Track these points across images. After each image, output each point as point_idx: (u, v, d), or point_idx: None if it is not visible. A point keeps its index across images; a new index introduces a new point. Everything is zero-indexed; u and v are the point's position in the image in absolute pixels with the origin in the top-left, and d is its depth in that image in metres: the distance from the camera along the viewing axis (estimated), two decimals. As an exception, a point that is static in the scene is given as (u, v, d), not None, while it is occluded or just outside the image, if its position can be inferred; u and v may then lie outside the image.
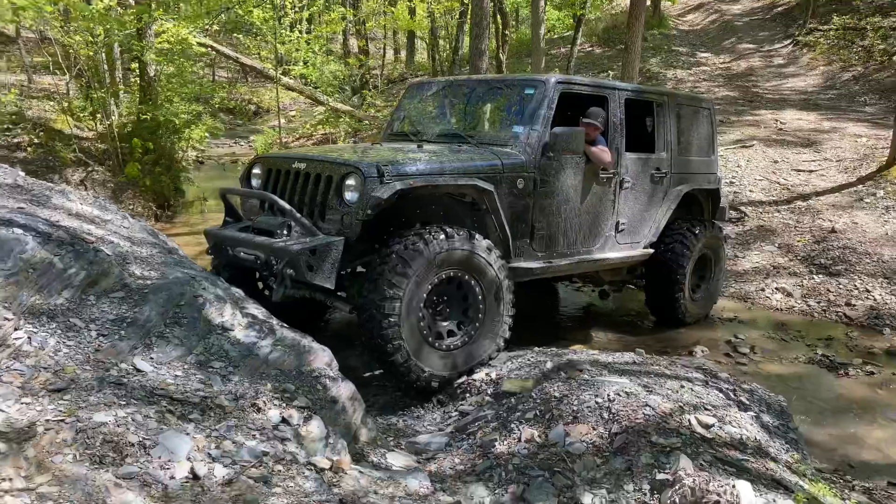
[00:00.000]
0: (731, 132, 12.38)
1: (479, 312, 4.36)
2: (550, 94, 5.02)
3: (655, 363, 4.19)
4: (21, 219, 3.76)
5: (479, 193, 4.49)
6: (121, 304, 3.43)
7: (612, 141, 5.52)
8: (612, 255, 5.71)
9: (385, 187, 4.01)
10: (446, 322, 4.36)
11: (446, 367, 4.25)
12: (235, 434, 2.85)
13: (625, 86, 5.98)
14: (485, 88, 5.45)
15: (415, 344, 4.07)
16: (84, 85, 11.37)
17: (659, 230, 6.12)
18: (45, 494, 2.13)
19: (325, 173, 4.30)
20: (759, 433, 3.45)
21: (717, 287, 6.86)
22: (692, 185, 6.41)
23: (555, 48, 22.19)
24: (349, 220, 4.10)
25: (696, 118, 6.57)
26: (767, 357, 5.89)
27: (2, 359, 2.77)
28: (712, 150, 6.81)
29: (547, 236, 5.09)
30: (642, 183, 5.88)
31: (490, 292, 4.37)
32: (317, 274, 3.99)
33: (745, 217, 8.99)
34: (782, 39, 20.29)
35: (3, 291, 3.10)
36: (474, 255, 4.24)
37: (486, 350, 4.41)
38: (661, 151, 6.10)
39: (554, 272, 5.31)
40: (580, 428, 3.23)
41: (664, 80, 17.50)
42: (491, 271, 4.34)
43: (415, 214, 4.64)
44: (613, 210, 5.62)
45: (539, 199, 4.95)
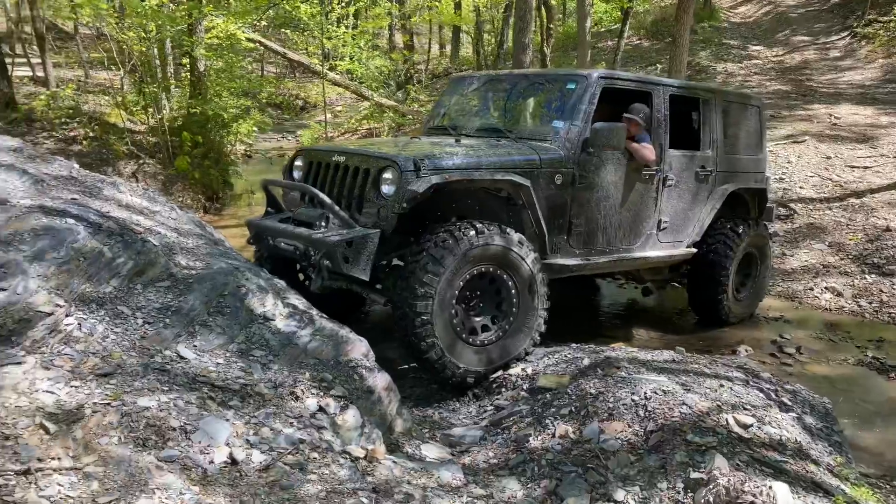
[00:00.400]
0: (782, 127, 12.07)
1: (513, 307, 4.35)
2: (592, 90, 4.96)
3: (695, 362, 4.14)
4: (74, 209, 3.90)
5: (514, 188, 4.47)
6: (166, 293, 3.53)
7: (655, 138, 5.43)
8: (653, 253, 5.61)
9: (421, 181, 4.03)
10: (480, 317, 4.35)
11: (481, 362, 4.26)
12: (273, 421, 2.92)
13: (669, 82, 5.89)
14: (525, 83, 5.42)
15: (448, 340, 4.09)
16: (137, 80, 11.68)
17: (703, 229, 5.99)
18: (91, 474, 2.22)
19: (364, 166, 4.35)
20: (801, 435, 3.38)
21: (762, 286, 6.71)
22: (738, 184, 6.27)
23: (602, 41, 21.93)
24: (385, 212, 4.13)
25: (743, 116, 6.42)
26: (814, 358, 5.75)
27: (54, 343, 2.89)
28: (760, 149, 6.65)
29: (585, 233, 5.03)
30: (686, 181, 5.77)
31: (524, 286, 4.36)
32: (353, 266, 4.04)
33: (795, 214, 8.77)
34: (839, 31, 19.65)
35: (55, 279, 3.22)
36: (506, 250, 4.23)
37: (521, 344, 4.41)
38: (706, 149, 5.97)
39: (591, 270, 5.26)
40: (615, 425, 3.22)
41: (714, 74, 17.14)
42: (524, 266, 4.32)
43: (451, 208, 4.63)
44: (656, 208, 5.53)
45: (578, 195, 4.90)
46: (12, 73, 12.74)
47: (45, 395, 2.53)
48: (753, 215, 6.67)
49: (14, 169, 4.49)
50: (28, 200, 3.94)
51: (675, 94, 5.69)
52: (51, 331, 2.92)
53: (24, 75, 15.30)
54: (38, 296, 3.04)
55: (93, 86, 14.75)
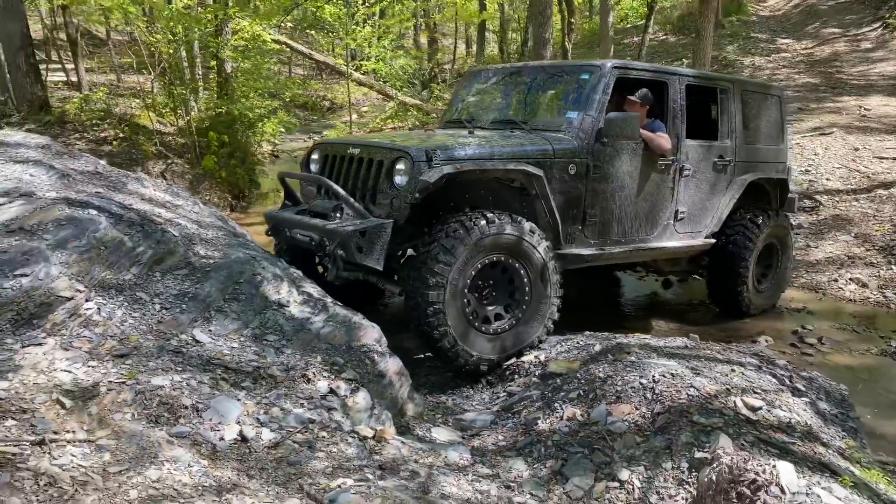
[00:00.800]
0: (810, 120, 11.89)
1: (526, 295, 4.37)
2: (606, 80, 4.95)
3: (708, 348, 4.13)
4: (96, 201, 4.03)
5: (527, 178, 4.49)
6: (184, 281, 3.63)
7: (671, 127, 5.40)
8: (670, 244, 5.57)
9: (433, 171, 4.07)
10: (493, 306, 4.38)
11: (494, 350, 4.29)
12: (284, 402, 2.99)
13: (685, 71, 5.85)
14: (540, 75, 5.41)
15: (461, 329, 4.13)
16: (166, 82, 11.92)
17: (721, 220, 5.94)
18: (104, 446, 2.31)
19: (377, 158, 4.40)
20: (813, 419, 3.36)
21: (783, 277, 6.62)
22: (758, 174, 6.19)
23: (627, 38, 21.80)
24: (398, 203, 4.18)
25: (763, 106, 6.35)
26: (836, 348, 5.68)
27: (73, 326, 3.00)
28: (781, 139, 6.56)
29: (600, 223, 5.03)
30: (704, 171, 5.72)
31: (536, 275, 4.38)
32: (366, 255, 4.10)
33: (820, 206, 8.65)
34: (871, 23, 19.27)
35: (76, 266, 3.34)
36: (518, 239, 4.25)
37: (535, 332, 4.43)
38: (724, 139, 5.91)
39: (606, 260, 5.23)
40: (623, 407, 3.23)
41: (741, 68, 16.94)
42: (536, 254, 4.34)
43: (464, 199, 4.64)
44: (672, 198, 5.50)
45: (592, 185, 4.89)
46: (47, 78, 13.09)
47: (63, 374, 2.64)
48: (775, 206, 6.58)
49: (41, 164, 4.65)
50: (53, 193, 4.08)
51: (691, 83, 5.65)
52: (71, 314, 3.03)
53: (59, 80, 15.70)
54: (60, 281, 3.16)
55: (124, 89, 15.07)
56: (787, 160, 6.68)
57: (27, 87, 10.96)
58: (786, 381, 3.77)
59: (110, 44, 18.51)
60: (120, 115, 11.75)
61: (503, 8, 19.90)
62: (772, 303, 6.53)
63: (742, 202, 6.10)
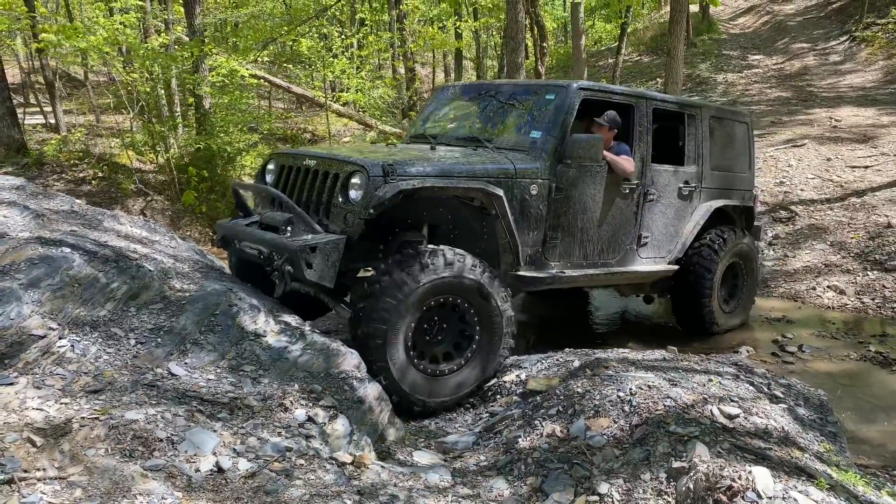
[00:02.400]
0: (783, 132, 12.09)
1: (475, 340, 4.25)
2: (571, 101, 4.90)
3: (685, 360, 4.15)
4: (70, 239, 4.02)
5: (487, 197, 4.36)
6: (159, 315, 3.63)
7: (637, 150, 5.35)
8: (632, 268, 5.50)
9: (389, 187, 3.94)
10: (440, 346, 4.25)
11: (432, 392, 4.13)
12: (261, 431, 2.98)
13: (654, 95, 5.84)
14: (507, 93, 5.36)
15: (402, 367, 3.97)
16: (145, 120, 11.96)
17: (685, 246, 5.87)
18: (75, 482, 2.29)
19: (333, 171, 4.25)
20: (790, 425, 3.38)
21: (751, 296, 6.57)
22: (723, 200, 6.17)
23: (602, 59, 22.14)
24: (352, 218, 4.02)
25: (731, 132, 6.35)
26: (816, 355, 5.73)
27: (46, 364, 2.99)
28: (749, 166, 6.57)
29: (562, 245, 4.95)
30: (669, 196, 5.68)
31: (488, 320, 4.25)
32: (316, 272, 3.90)
33: (796, 216, 8.76)
34: (838, 36, 19.70)
35: (49, 304, 3.34)
36: (475, 284, 4.13)
37: (477, 380, 4.29)
38: (690, 165, 5.88)
39: (567, 283, 5.11)
40: (601, 421, 3.24)
41: (714, 85, 17.24)
42: (492, 301, 4.22)
43: (422, 216, 4.53)
44: (636, 222, 5.43)
45: (554, 207, 4.82)
46: (24, 121, 13.08)
47: (35, 412, 2.62)
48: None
49: (16, 205, 4.64)
50: (27, 233, 4.07)
51: (659, 107, 5.62)
52: (43, 353, 3.02)
53: (37, 122, 15.69)
54: (32, 320, 3.15)
55: (103, 129, 15.08)
56: (753, 188, 6.68)
57: (3, 130, 10.96)
58: (764, 388, 3.80)
59: (88, 85, 18.55)
60: (99, 155, 11.76)
61: (478, 36, 20.18)
62: (740, 321, 6.44)
63: (706, 229, 6.05)
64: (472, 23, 18.01)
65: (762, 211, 9.15)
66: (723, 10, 26.01)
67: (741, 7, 26.72)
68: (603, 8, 17.28)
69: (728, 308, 6.29)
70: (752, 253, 6.46)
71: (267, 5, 23.14)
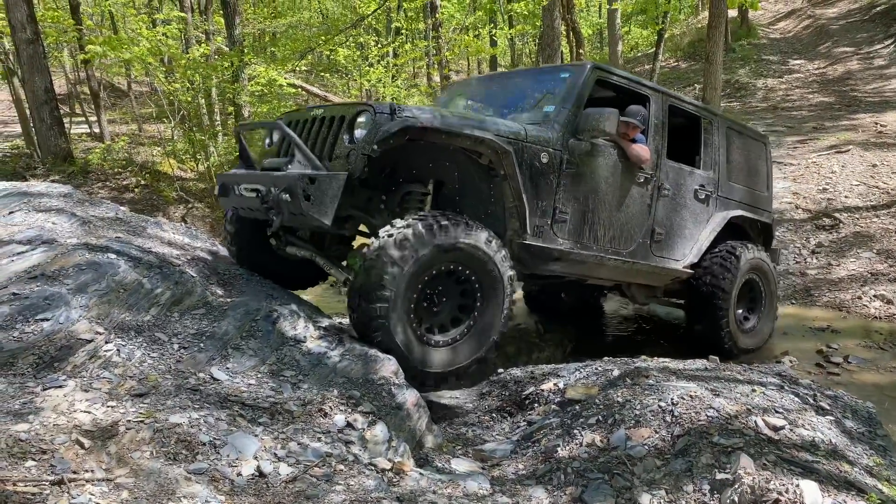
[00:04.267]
0: (826, 138, 11.84)
1: (477, 307, 4.11)
2: (584, 77, 4.84)
3: (728, 369, 4.07)
4: (116, 246, 4.12)
5: (496, 154, 4.21)
6: (202, 320, 3.69)
7: (651, 142, 5.27)
8: (645, 262, 5.32)
9: (393, 122, 3.83)
10: (441, 315, 4.09)
11: (441, 363, 4.04)
12: (301, 436, 3.00)
13: (670, 92, 5.71)
14: (524, 78, 5.33)
15: (405, 339, 3.85)
16: (186, 129, 12.21)
17: (701, 251, 5.69)
18: (122, 484, 2.34)
19: (340, 114, 4.12)
20: (838, 437, 3.29)
21: (770, 317, 6.28)
22: (741, 211, 6.06)
23: (639, 66, 21.95)
24: (355, 155, 3.86)
25: (749, 149, 6.31)
26: (863, 367, 5.58)
27: (93, 368, 3.05)
28: (767, 187, 6.49)
29: (571, 222, 4.79)
30: (684, 196, 5.57)
31: (490, 287, 4.11)
32: (313, 205, 3.74)
33: (840, 224, 8.56)
34: (883, 40, 19.26)
35: (96, 309, 3.42)
36: (475, 248, 3.97)
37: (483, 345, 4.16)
38: (707, 170, 5.81)
39: (576, 261, 4.88)
40: (642, 431, 3.20)
41: (754, 91, 16.97)
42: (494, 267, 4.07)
43: (428, 169, 4.40)
44: (650, 215, 5.30)
45: (564, 181, 4.68)
46: (71, 130, 13.45)
47: (83, 415, 2.67)
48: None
49: (63, 212, 4.77)
50: (74, 239, 4.18)
51: (675, 105, 5.57)
52: (91, 356, 3.09)
53: (83, 132, 16.11)
54: (80, 324, 3.23)
55: (145, 138, 15.43)
56: (772, 209, 6.54)
57: (51, 139, 11.29)
58: (809, 399, 3.71)
59: (131, 95, 19.00)
60: (141, 163, 12.04)
61: (513, 43, 20.18)
62: (760, 343, 6.13)
63: (722, 239, 5.88)
64: (508, 30, 18.02)
65: (804, 218, 8.96)
66: (762, 15, 25.65)
67: (781, 11, 26.30)
68: (639, 14, 17.11)
69: (746, 327, 6.03)
70: (769, 269, 6.18)
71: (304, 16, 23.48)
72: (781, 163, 10.89)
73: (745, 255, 5.83)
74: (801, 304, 7.32)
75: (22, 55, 11.13)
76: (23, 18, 10.87)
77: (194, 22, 14.76)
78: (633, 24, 26.73)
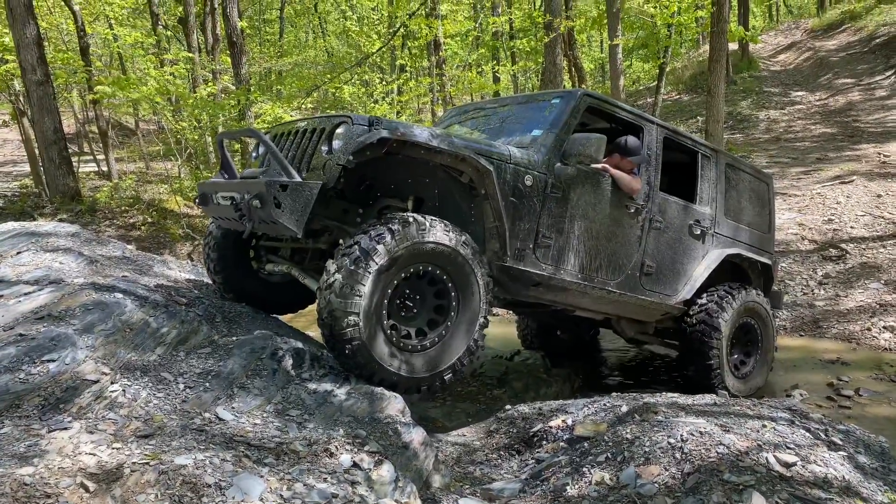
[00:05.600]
0: (830, 169, 11.88)
1: (452, 311, 4.01)
2: (575, 103, 4.80)
3: (737, 404, 4.03)
4: (122, 285, 4.14)
5: (476, 173, 4.14)
6: (207, 359, 3.69)
7: (644, 174, 5.18)
8: (635, 295, 5.17)
9: (371, 133, 3.77)
10: (415, 320, 3.99)
11: (414, 369, 3.93)
12: (307, 477, 2.97)
13: (665, 124, 5.55)
14: (517, 104, 5.31)
15: (377, 345, 3.74)
16: (193, 167, 12.33)
17: (694, 288, 5.51)
18: (127, 528, 2.31)
19: (320, 126, 4.07)
20: (851, 473, 3.24)
21: (766, 364, 6.00)
22: (738, 250, 5.83)
23: (641, 99, 22.13)
24: (330, 165, 3.81)
25: (751, 188, 6.17)
26: (875, 400, 5.51)
27: (99, 409, 3.04)
28: (769, 227, 6.32)
29: (555, 248, 4.68)
30: (677, 230, 5.41)
31: (465, 289, 4.02)
32: (284, 213, 3.67)
33: (847, 254, 8.54)
34: (883, 71, 19.42)
35: (102, 349, 3.42)
36: (450, 250, 3.90)
37: (458, 351, 4.05)
38: (703, 205, 5.65)
39: (558, 287, 4.76)
40: (652, 469, 3.16)
41: (756, 122, 17.07)
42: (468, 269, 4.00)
43: (407, 185, 4.33)
44: (639, 247, 5.15)
45: (549, 205, 4.59)
46: (79, 169, 13.60)
47: (88, 457, 2.66)
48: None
49: (71, 251, 4.81)
50: (81, 279, 4.20)
51: (671, 138, 5.46)
52: (96, 397, 3.08)
53: (91, 170, 16.29)
54: (86, 365, 3.22)
55: (152, 176, 15.58)
56: (773, 251, 6.35)
57: (60, 178, 11.41)
58: (821, 434, 3.66)
59: (139, 133, 19.24)
60: (148, 201, 12.13)
61: (516, 78, 20.40)
62: (752, 390, 5.81)
63: (718, 279, 5.72)
64: (510, 66, 18.24)
65: (810, 249, 8.95)
66: (763, 48, 25.93)
67: (781, 44, 26.59)
68: (641, 48, 17.32)
69: (740, 373, 5.79)
70: (766, 313, 5.93)
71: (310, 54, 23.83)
72: (786, 194, 10.91)
73: (740, 296, 5.64)
74: (810, 336, 7.27)
75: (32, 96, 11.31)
76: (34, 60, 11.06)
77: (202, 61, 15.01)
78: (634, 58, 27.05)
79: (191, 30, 14.64)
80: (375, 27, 22.23)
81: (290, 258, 4.77)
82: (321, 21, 29.81)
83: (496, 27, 19.61)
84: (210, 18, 15.38)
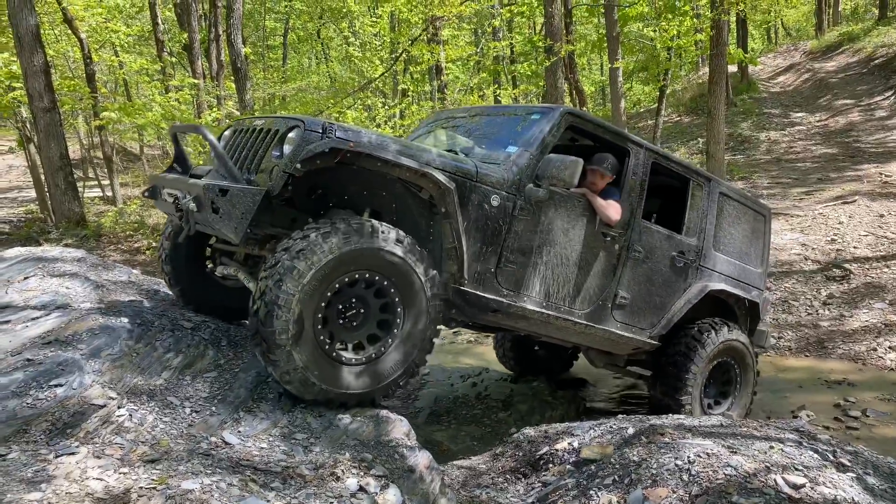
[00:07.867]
0: (831, 189, 11.91)
1: (397, 321, 3.76)
2: (554, 121, 4.52)
3: (744, 426, 4.02)
4: (129, 310, 4.16)
5: (437, 189, 3.91)
6: (213, 383, 3.69)
7: (626, 200, 4.85)
8: (603, 327, 4.87)
9: (322, 142, 3.55)
10: (357, 331, 3.73)
11: (355, 384, 3.68)
12: (314, 501, 2.96)
13: (655, 148, 5.21)
14: (496, 115, 5.05)
15: (312, 357, 3.49)
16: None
17: (671, 323, 5.21)
18: (134, 554, 2.30)
19: (275, 128, 3.85)
20: (860, 495, 3.22)
21: (742, 406, 5.60)
22: (722, 285, 5.47)
23: (642, 121, 22.27)
24: (277, 171, 3.58)
25: (747, 220, 5.84)
26: (882, 420, 5.49)
27: (105, 434, 3.04)
28: (761, 262, 5.96)
29: (518, 272, 4.41)
30: (658, 262, 5.09)
31: (410, 299, 3.77)
32: (222, 219, 3.45)
33: (850, 274, 8.54)
34: (883, 91, 19.50)
35: (109, 373, 3.43)
36: (390, 255, 3.64)
37: (402, 366, 3.81)
38: (689, 236, 5.31)
39: (517, 314, 4.47)
40: (659, 491, 3.15)
41: (757, 143, 17.15)
42: (415, 278, 3.74)
43: (362, 197, 4.07)
44: (613, 277, 4.86)
45: (515, 227, 4.33)
46: (84, 194, 13.69)
47: (95, 482, 2.66)
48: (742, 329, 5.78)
49: (77, 277, 4.82)
50: (88, 304, 4.22)
51: (660, 164, 5.15)
52: (103, 422, 3.09)
53: (96, 195, 16.39)
54: (93, 389, 3.23)
55: (157, 201, 15.66)
56: (763, 287, 5.99)
57: (65, 204, 11.47)
58: (829, 456, 3.64)
59: (143, 158, 19.37)
60: (153, 226, 12.18)
61: (517, 102, 20.56)
62: None
63: (698, 315, 5.41)
64: (512, 90, 18.40)
65: (814, 269, 8.95)
66: (762, 70, 26.11)
67: (780, 66, 26.78)
68: (641, 71, 17.47)
69: (714, 412, 5.42)
70: (748, 353, 5.55)
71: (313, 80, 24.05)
72: (788, 214, 10.93)
73: (720, 334, 5.30)
74: (816, 357, 7.25)
75: (39, 123, 11.42)
76: (41, 88, 11.19)
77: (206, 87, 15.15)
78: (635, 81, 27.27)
79: (195, 56, 14.80)
80: (378, 53, 22.47)
81: (245, 262, 4.53)
82: (324, 47, 30.12)
83: (497, 51, 19.81)
84: (214, 45, 15.56)
